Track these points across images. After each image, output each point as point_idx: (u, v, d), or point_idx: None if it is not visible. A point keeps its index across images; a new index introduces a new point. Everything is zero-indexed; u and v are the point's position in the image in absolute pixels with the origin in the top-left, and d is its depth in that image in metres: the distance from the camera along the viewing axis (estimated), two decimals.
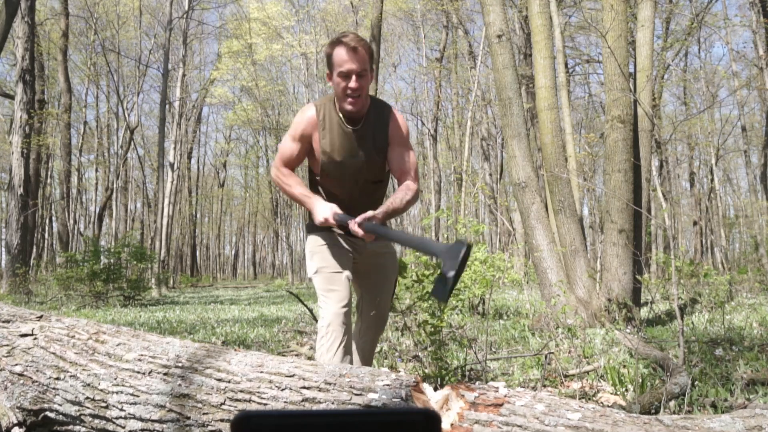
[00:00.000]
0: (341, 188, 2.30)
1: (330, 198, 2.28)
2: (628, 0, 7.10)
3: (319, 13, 27.08)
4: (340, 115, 2.23)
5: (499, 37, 5.92)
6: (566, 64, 13.33)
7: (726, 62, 24.23)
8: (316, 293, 2.33)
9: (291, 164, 2.30)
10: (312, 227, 2.35)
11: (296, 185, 2.26)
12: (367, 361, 2.53)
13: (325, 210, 2.10)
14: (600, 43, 8.08)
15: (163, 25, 22.35)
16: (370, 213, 2.01)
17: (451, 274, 1.58)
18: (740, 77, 19.77)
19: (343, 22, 25.30)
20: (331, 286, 2.26)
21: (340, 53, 2.10)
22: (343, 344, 2.21)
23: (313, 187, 2.39)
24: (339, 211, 2.11)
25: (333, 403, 1.54)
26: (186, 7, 20.86)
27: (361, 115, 2.23)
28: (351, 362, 2.31)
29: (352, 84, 2.10)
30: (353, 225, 1.99)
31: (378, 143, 2.27)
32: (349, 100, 2.14)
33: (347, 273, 2.29)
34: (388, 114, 2.29)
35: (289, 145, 2.29)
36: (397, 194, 2.19)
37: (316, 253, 2.33)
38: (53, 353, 1.98)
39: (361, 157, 2.25)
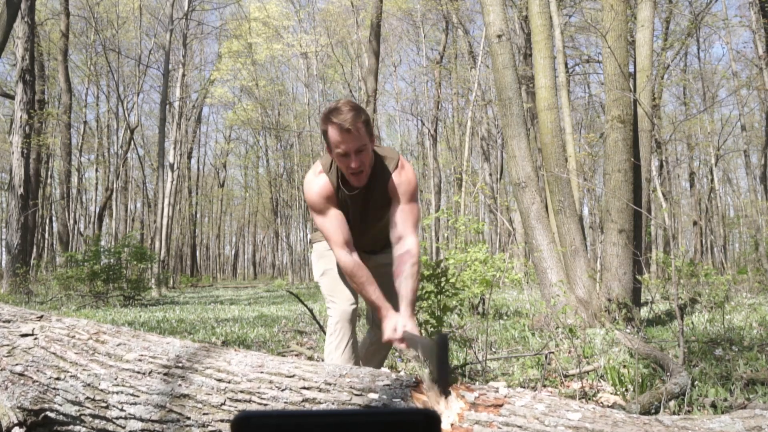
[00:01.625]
0: (354, 233, 2.25)
1: None
2: (628, 0, 7.10)
3: (319, 14, 27.09)
4: (347, 179, 2.16)
5: (499, 37, 5.92)
6: (566, 64, 13.34)
7: (726, 62, 24.24)
8: (321, 295, 2.37)
9: (348, 238, 2.17)
10: (320, 235, 2.35)
11: (370, 286, 2.12)
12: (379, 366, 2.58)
13: (389, 329, 2.02)
14: (600, 43, 8.08)
15: (163, 26, 22.34)
16: (407, 327, 1.98)
17: (434, 380, 1.42)
18: (740, 77, 19.77)
19: (344, 23, 25.30)
20: (338, 286, 2.31)
21: (335, 134, 2.00)
22: (351, 342, 2.27)
23: None
24: (401, 326, 2.02)
25: (333, 404, 1.54)
26: (186, 8, 20.85)
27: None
28: (358, 361, 2.34)
29: (353, 164, 2.03)
30: (398, 344, 1.99)
31: (381, 199, 2.24)
32: (353, 177, 2.09)
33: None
34: (389, 172, 2.22)
35: (328, 222, 2.16)
36: (407, 281, 2.09)
37: (324, 256, 2.37)
38: (54, 353, 1.99)
39: (369, 214, 2.27)
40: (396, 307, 2.10)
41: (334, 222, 2.15)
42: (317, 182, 2.17)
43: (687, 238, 30.40)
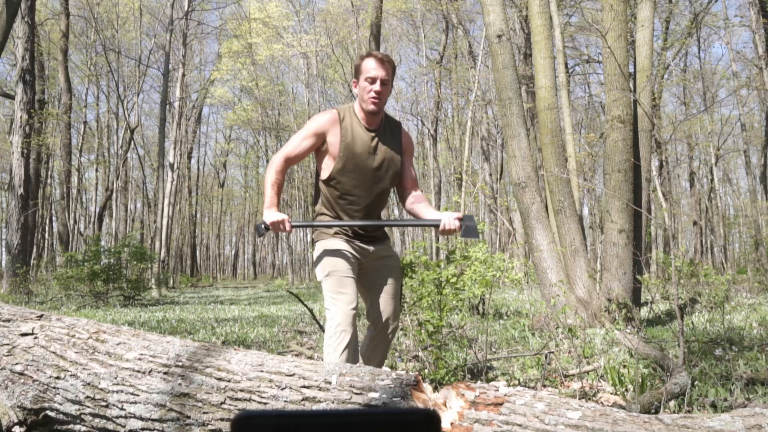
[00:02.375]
0: (358, 187, 2.44)
1: (344, 199, 2.44)
2: (628, 0, 7.11)
3: (319, 14, 27.09)
4: (360, 119, 2.46)
5: (499, 37, 5.92)
6: (566, 64, 13.32)
7: (726, 62, 24.24)
8: (323, 295, 2.43)
9: (291, 159, 2.47)
10: (322, 233, 2.47)
11: (276, 184, 2.44)
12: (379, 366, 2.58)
13: (273, 215, 2.37)
14: (600, 43, 8.08)
15: (163, 26, 22.34)
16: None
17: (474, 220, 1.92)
18: (740, 77, 19.75)
19: (344, 23, 25.30)
20: (340, 288, 2.35)
21: (370, 62, 2.40)
22: (350, 345, 2.29)
23: (326, 190, 2.49)
24: (285, 222, 2.37)
25: (333, 403, 1.54)
26: (186, 8, 20.84)
27: (378, 122, 2.48)
28: (356, 363, 2.33)
29: (377, 87, 2.37)
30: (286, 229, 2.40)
31: (394, 150, 2.51)
32: (372, 100, 2.39)
33: (354, 278, 2.41)
34: (399, 128, 2.58)
35: (298, 140, 2.46)
36: (427, 206, 2.52)
37: (327, 257, 2.42)
38: (54, 352, 1.98)
39: (379, 158, 2.45)
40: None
41: (302, 145, 2.45)
42: (324, 114, 2.48)
43: (687, 238, 30.40)
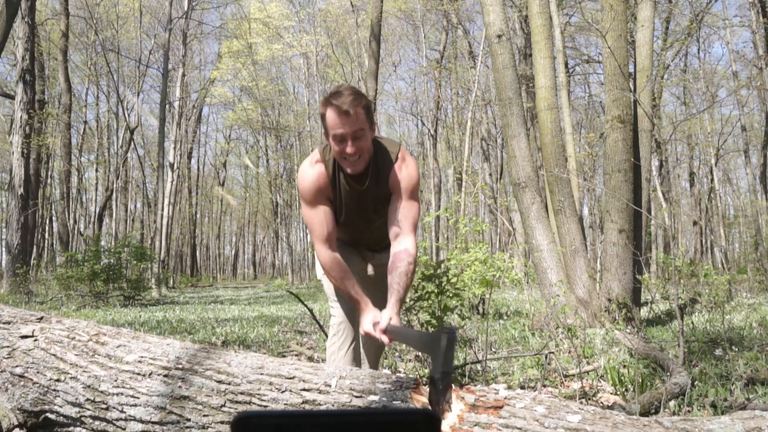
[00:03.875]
0: (350, 232, 2.27)
1: (340, 236, 2.22)
2: (628, 0, 7.11)
3: (319, 14, 27.11)
4: (344, 171, 2.07)
5: (499, 37, 5.92)
6: (566, 64, 13.32)
7: (726, 62, 24.23)
8: (323, 294, 2.34)
9: (330, 234, 2.10)
10: None
11: (348, 281, 2.06)
12: (373, 365, 2.53)
13: (367, 322, 1.96)
14: (600, 43, 8.08)
15: (163, 26, 22.35)
16: (391, 320, 1.90)
17: (437, 376, 1.36)
18: (740, 77, 19.74)
19: (344, 23, 25.31)
20: None
21: (332, 116, 1.92)
22: (354, 343, 2.24)
23: None
24: (378, 319, 1.93)
25: (333, 405, 1.54)
26: (186, 7, 20.85)
27: (365, 170, 2.07)
28: (360, 362, 2.32)
29: (348, 149, 1.94)
30: (381, 336, 1.89)
31: (381, 194, 2.15)
32: (347, 163, 1.99)
33: (357, 276, 2.25)
34: (390, 164, 2.12)
35: (315, 215, 2.09)
36: (401, 278, 2.02)
37: None
38: (54, 355, 1.99)
39: (368, 209, 2.18)
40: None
41: (320, 215, 2.09)
42: (312, 172, 2.08)
43: (687, 238, 30.40)
